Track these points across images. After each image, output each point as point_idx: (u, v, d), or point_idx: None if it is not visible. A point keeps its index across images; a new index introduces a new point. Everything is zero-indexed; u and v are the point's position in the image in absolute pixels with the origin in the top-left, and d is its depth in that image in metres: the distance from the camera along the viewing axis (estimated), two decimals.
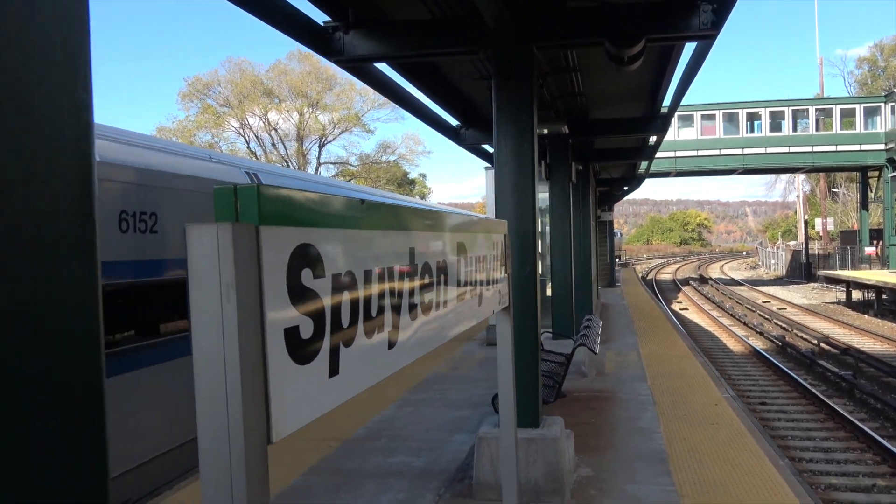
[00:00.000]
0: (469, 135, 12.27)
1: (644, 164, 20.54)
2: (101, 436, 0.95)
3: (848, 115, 39.63)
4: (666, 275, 63.36)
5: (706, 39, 6.38)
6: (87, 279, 0.94)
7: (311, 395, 2.01)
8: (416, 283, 3.02)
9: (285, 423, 1.83)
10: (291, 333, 1.88)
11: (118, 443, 6.85)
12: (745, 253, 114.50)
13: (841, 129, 39.21)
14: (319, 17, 6.55)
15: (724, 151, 40.00)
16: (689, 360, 13.20)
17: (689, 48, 8.01)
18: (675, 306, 33.55)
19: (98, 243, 0.98)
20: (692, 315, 30.79)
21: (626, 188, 27.33)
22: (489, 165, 15.65)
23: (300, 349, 1.92)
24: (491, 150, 15.45)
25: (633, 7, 5.91)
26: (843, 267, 44.18)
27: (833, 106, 39.92)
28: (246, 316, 1.66)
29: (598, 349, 10.06)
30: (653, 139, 15.36)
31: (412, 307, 2.96)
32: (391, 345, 2.71)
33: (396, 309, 2.76)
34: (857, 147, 38.82)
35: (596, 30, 6.00)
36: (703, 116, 39.96)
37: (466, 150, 13.77)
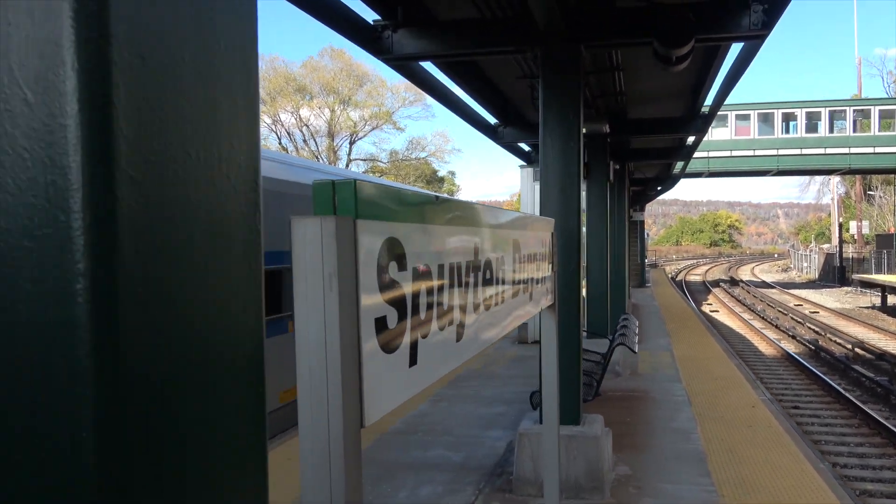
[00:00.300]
0: (507, 133, 12.32)
1: (680, 164, 20.39)
2: (262, 415, 1.04)
3: (887, 117, 38.86)
4: (696, 276, 62.77)
5: (756, 40, 6.36)
6: (255, 267, 1.02)
7: (395, 384, 2.09)
8: (480, 278, 3.10)
9: (374, 409, 1.91)
10: (380, 323, 1.97)
11: None
12: (776, 255, 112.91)
13: (879, 131, 38.48)
14: (369, 15, 6.66)
15: (758, 152, 39.45)
16: (724, 362, 13.13)
17: (735, 47, 7.98)
18: (706, 308, 33.25)
19: (262, 232, 1.06)
20: (722, 317, 30.49)
21: (659, 188, 27.14)
22: (524, 164, 15.68)
23: (387, 339, 2.01)
24: (527, 148, 15.48)
25: (682, 7, 5.91)
26: (878, 271, 43.40)
27: (872, 107, 39.14)
28: (346, 304, 1.75)
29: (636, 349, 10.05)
30: (691, 139, 15.26)
31: (476, 301, 3.04)
32: (459, 337, 2.79)
33: (463, 303, 2.84)
34: (895, 149, 38.08)
35: (645, 30, 6.01)
36: (737, 116, 39.44)
37: (503, 148, 13.82)
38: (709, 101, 11.04)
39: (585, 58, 6.71)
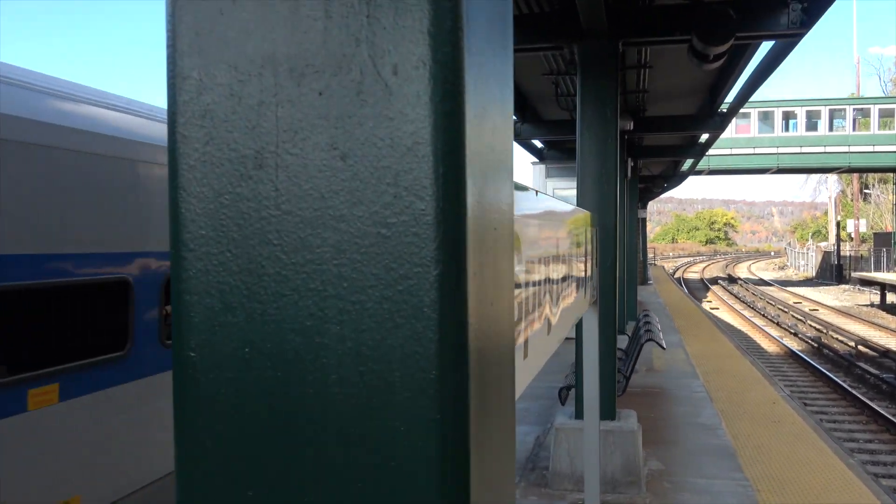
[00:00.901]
0: (524, 130, 12.36)
1: (689, 162, 20.47)
2: (514, 394, 1.07)
3: (886, 115, 39.01)
4: (693, 273, 62.99)
5: (793, 38, 6.40)
6: (512, 263, 1.05)
7: (516, 376, 2.11)
8: (560, 272, 3.13)
9: None
10: None
11: None
12: (772, 253, 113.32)
13: (879, 130, 38.63)
14: None
15: (758, 150, 39.54)
16: (738, 359, 13.19)
17: (763, 46, 8.02)
18: (706, 305, 33.35)
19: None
20: (723, 314, 30.62)
21: (666, 185, 27.19)
22: (536, 160, 15.72)
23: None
24: (540, 145, 15.52)
25: (723, 4, 5.94)
26: (877, 269, 43.64)
27: (872, 106, 39.29)
28: None
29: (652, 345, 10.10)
30: (705, 137, 15.34)
31: (557, 294, 3.07)
32: (548, 330, 2.81)
33: (551, 295, 2.87)
34: (895, 147, 38.24)
35: (685, 27, 6.03)
36: (737, 114, 39.49)
37: (519, 145, 13.86)
38: (729, 98, 11.09)
39: (622, 55, 6.74)
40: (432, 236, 0.77)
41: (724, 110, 12.17)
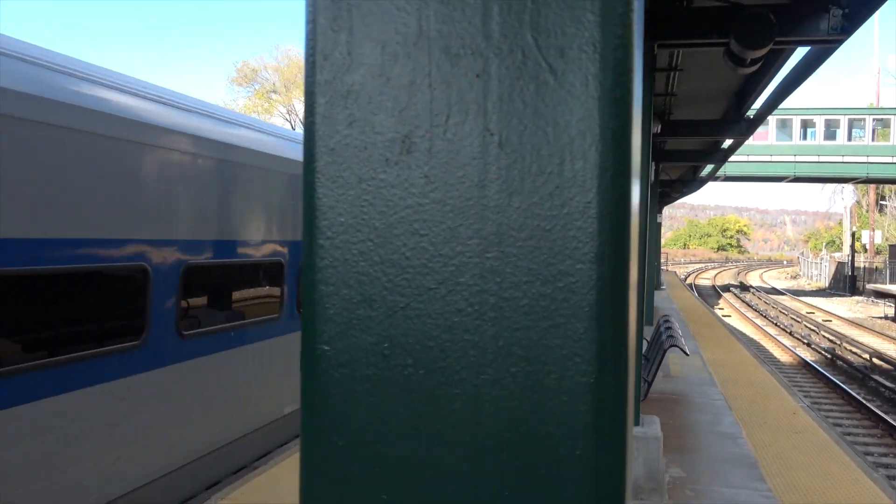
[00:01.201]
0: None
1: (709, 168, 20.34)
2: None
3: None
4: (705, 280, 62.70)
5: (831, 45, 6.30)
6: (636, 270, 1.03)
7: None
8: None
9: None
10: None
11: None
12: (784, 262, 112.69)
13: None
14: None
15: (775, 158, 39.26)
16: (756, 367, 13.09)
17: (795, 52, 7.92)
18: (718, 312, 33.15)
19: None
20: (735, 322, 30.41)
21: (683, 190, 27.02)
22: None
23: None
24: None
25: (763, 7, 5.86)
26: (892, 282, 43.28)
27: (892, 116, 38.97)
28: None
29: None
30: (728, 142, 15.23)
31: None
32: None
33: None
34: None
35: (723, 30, 5.96)
36: None
37: None
38: (756, 105, 10.98)
39: (657, 57, 6.67)
40: (597, 231, 0.72)
41: (751, 116, 12.06)
